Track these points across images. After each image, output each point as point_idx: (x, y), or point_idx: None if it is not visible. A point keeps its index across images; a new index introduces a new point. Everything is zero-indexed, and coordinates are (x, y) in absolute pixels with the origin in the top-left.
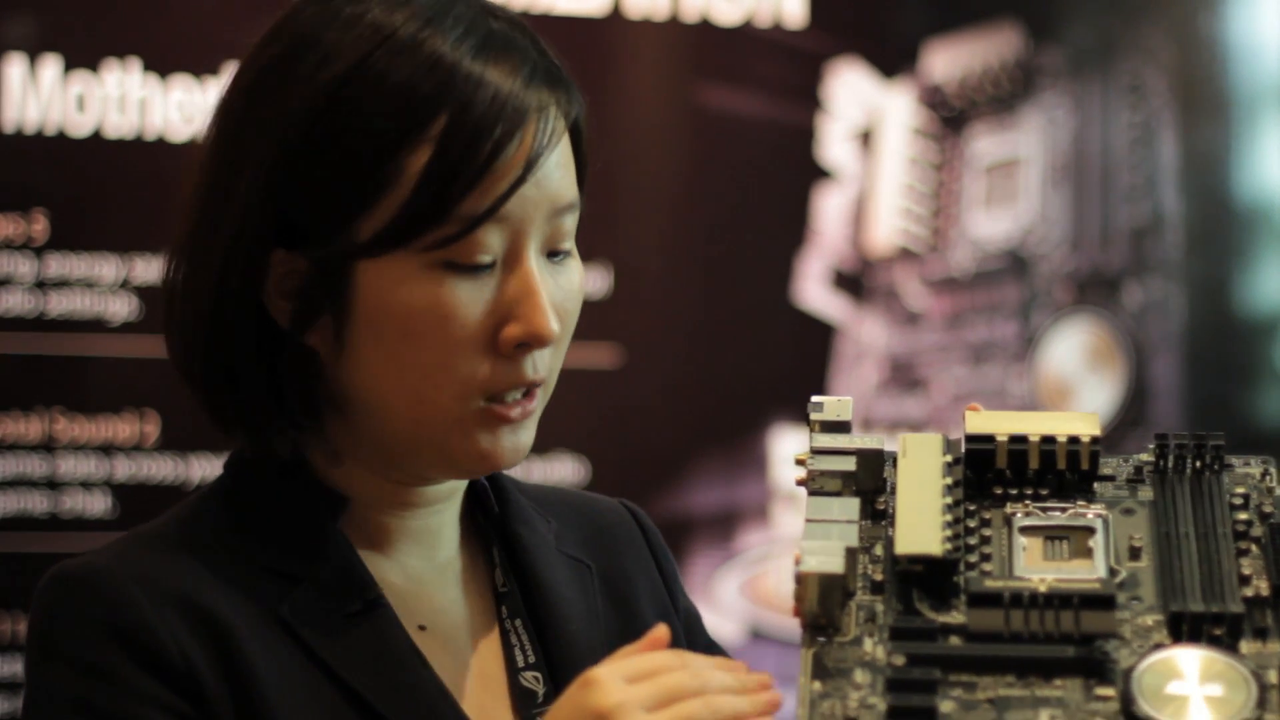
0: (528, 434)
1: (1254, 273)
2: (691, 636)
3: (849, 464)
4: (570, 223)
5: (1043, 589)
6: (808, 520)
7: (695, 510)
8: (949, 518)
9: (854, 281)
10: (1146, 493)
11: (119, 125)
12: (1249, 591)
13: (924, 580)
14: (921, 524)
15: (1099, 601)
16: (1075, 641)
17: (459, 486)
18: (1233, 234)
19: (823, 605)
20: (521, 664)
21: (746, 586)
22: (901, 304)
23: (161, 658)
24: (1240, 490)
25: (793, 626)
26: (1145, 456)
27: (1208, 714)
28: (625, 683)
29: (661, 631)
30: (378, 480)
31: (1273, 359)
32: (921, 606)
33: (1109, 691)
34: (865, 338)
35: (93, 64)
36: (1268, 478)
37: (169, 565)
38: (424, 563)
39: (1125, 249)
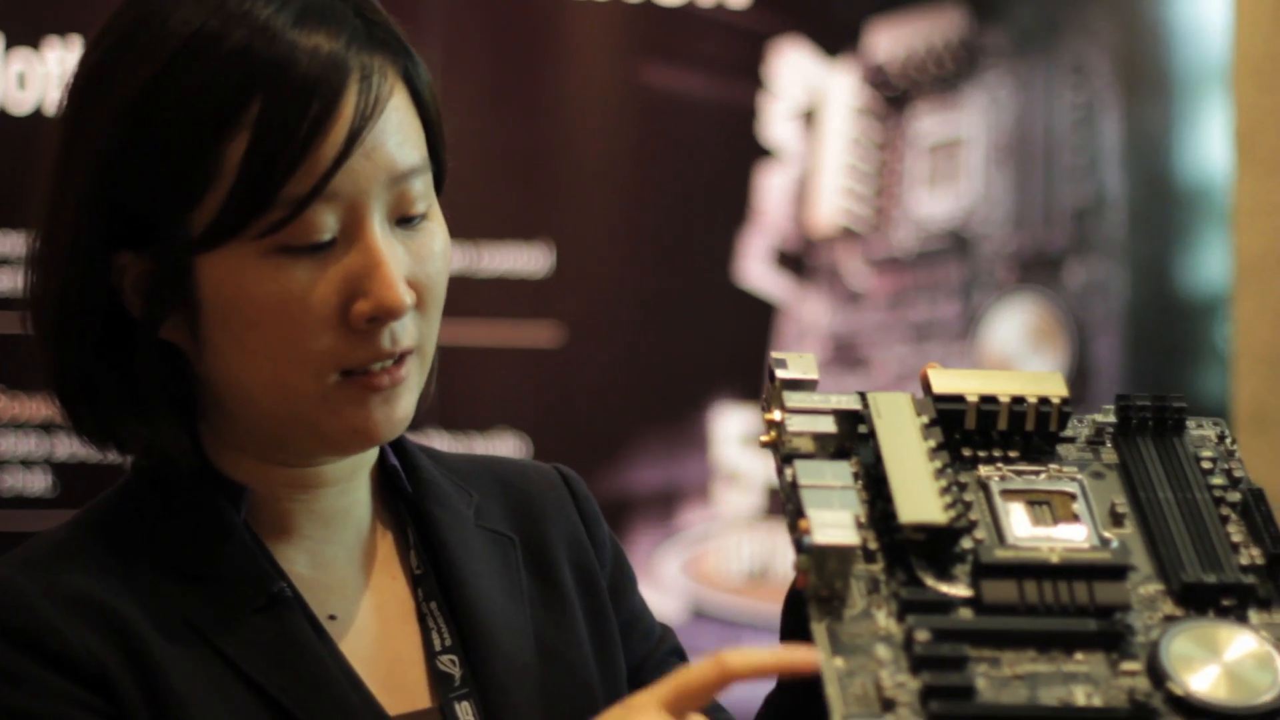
0: (403, 404)
1: (1195, 253)
2: (619, 600)
3: (827, 424)
4: (419, 187)
5: (1055, 559)
6: (804, 486)
7: (636, 489)
8: (942, 483)
9: (796, 261)
10: (1110, 455)
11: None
12: (1244, 560)
13: (923, 548)
14: (920, 490)
15: (1111, 572)
16: (1089, 613)
17: (359, 466)
18: (1174, 214)
19: (830, 577)
20: (438, 647)
21: (689, 565)
22: (844, 283)
23: (71, 659)
24: (1207, 454)
25: (733, 605)
26: (1101, 418)
27: (1239, 688)
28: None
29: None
30: (272, 468)
31: (1213, 338)
32: (924, 576)
33: (1134, 665)
34: (808, 317)
35: (34, 41)
36: (1225, 440)
37: (73, 570)
38: (334, 548)
39: (1068, 229)
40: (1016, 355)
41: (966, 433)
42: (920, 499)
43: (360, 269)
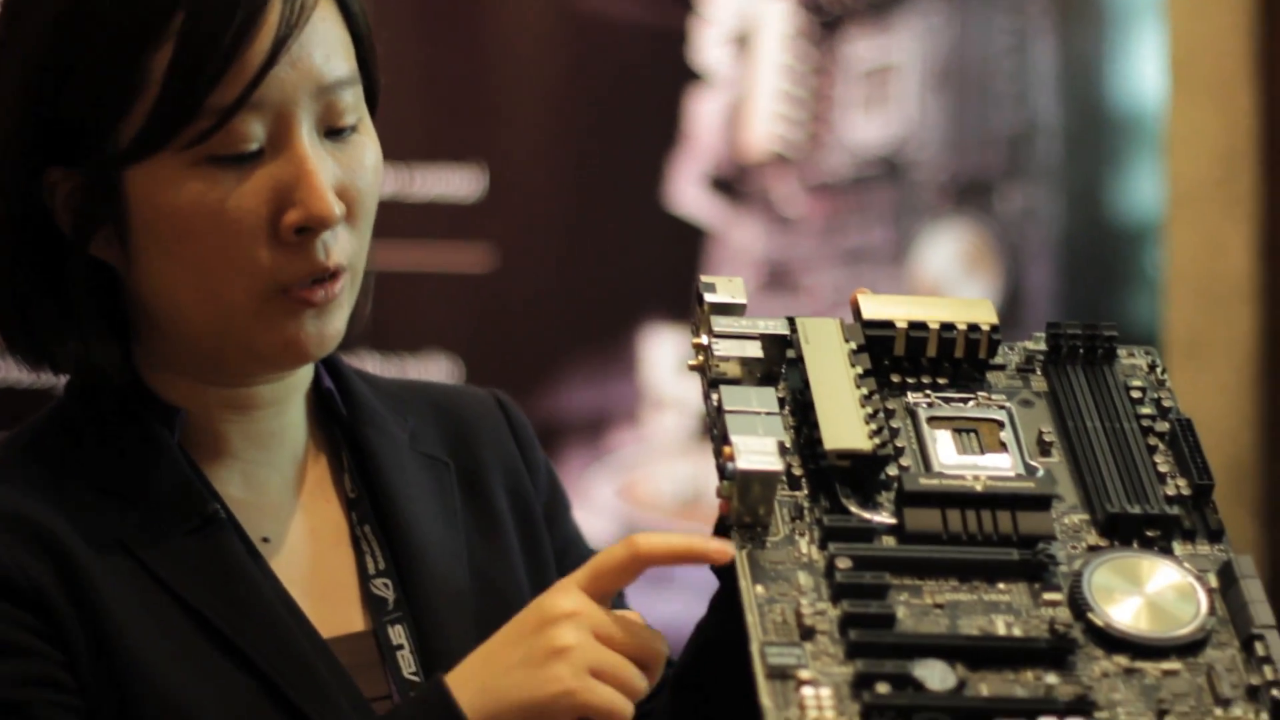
0: (334, 321)
1: (1129, 180)
2: (553, 525)
3: (754, 349)
4: (348, 99)
5: (978, 488)
6: (728, 411)
7: (567, 411)
8: (869, 410)
9: (729, 186)
10: (1040, 383)
11: None
12: (1169, 490)
13: (848, 475)
14: (845, 417)
15: (1035, 502)
16: (1013, 543)
17: (293, 388)
18: (1109, 141)
19: (754, 503)
20: (372, 571)
21: (623, 490)
22: (776, 209)
23: (5, 578)
24: (1136, 383)
25: (666, 528)
26: (1031, 345)
27: (1160, 620)
28: (589, 631)
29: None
30: (206, 386)
31: (1144, 265)
32: (849, 504)
33: (1056, 596)
34: (740, 242)
35: None
36: (1156, 369)
37: (6, 490)
38: (268, 471)
39: (1001, 155)
40: (950, 281)
41: (895, 359)
42: (845, 426)
43: (289, 179)
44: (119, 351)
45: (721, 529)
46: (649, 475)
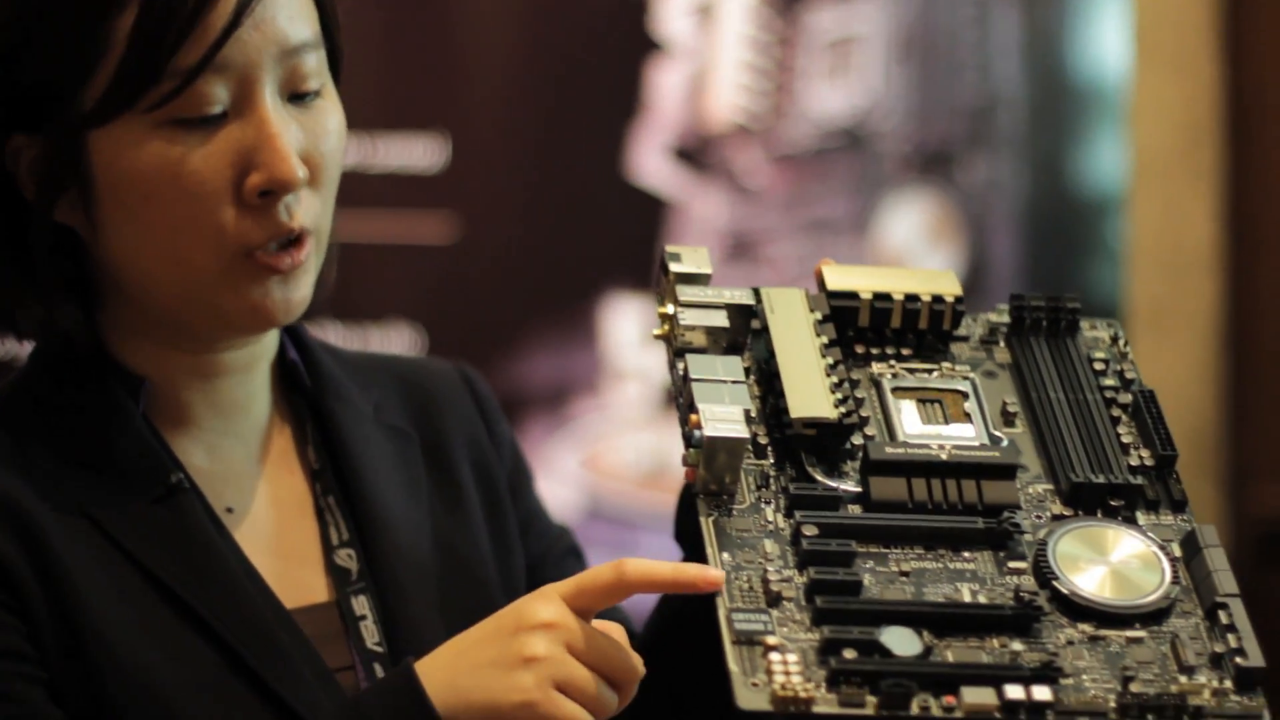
0: (300, 288)
1: (1093, 151)
2: (517, 498)
3: (719, 319)
4: (311, 63)
5: (944, 456)
6: (694, 380)
7: (529, 381)
8: (834, 379)
9: (691, 156)
10: (1003, 354)
11: None
12: (1133, 460)
13: (814, 444)
14: (810, 386)
15: (1000, 471)
16: (978, 512)
17: (258, 356)
18: (1072, 111)
19: (720, 471)
20: (336, 541)
21: (588, 460)
22: (739, 180)
23: None
24: (1099, 355)
25: (630, 498)
26: (995, 317)
27: (1124, 588)
28: (562, 645)
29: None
30: (171, 353)
31: (1107, 236)
32: (814, 472)
33: (1021, 564)
34: (702, 213)
35: None
36: (1119, 341)
37: None
38: (232, 441)
39: (965, 126)
40: (913, 252)
41: (860, 330)
42: (811, 395)
43: (252, 141)
44: (81, 316)
45: (689, 497)
46: (612, 446)
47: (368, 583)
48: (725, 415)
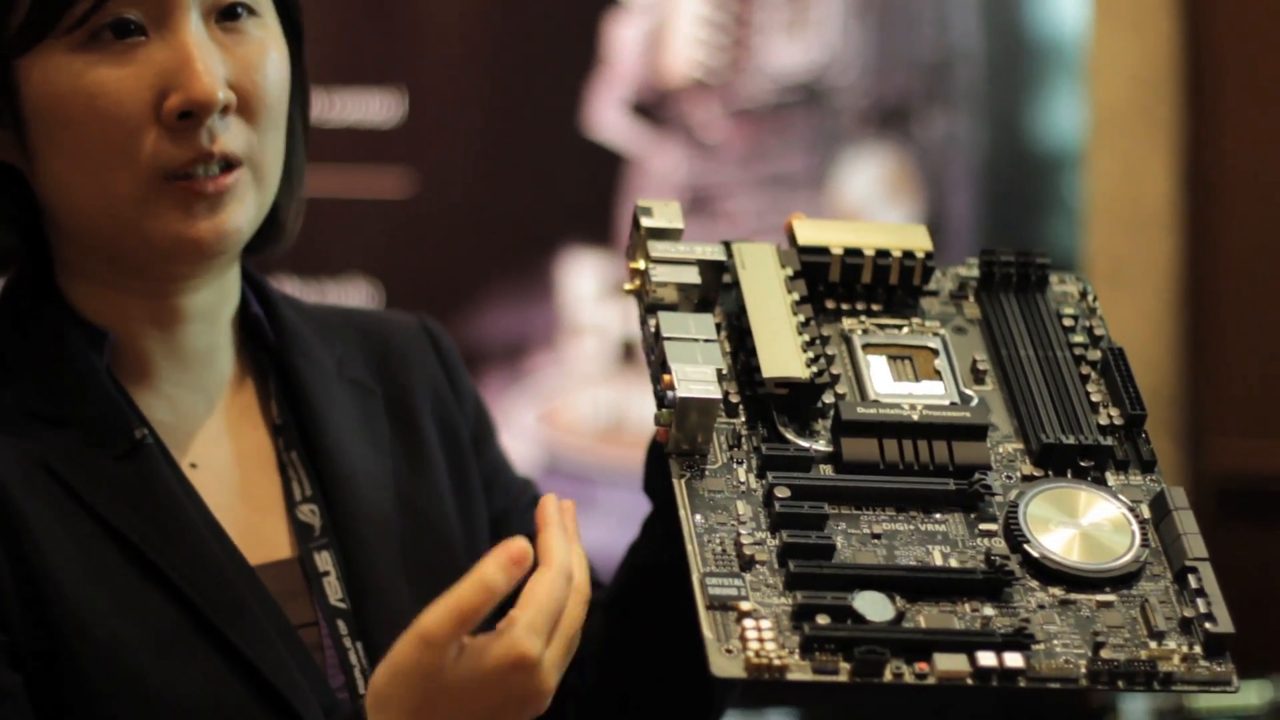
0: (232, 215)
1: (1049, 106)
2: (480, 451)
3: (691, 275)
4: None
5: (915, 417)
6: (667, 338)
7: (486, 336)
8: (805, 337)
9: (649, 111)
10: (973, 310)
11: None
12: (1102, 420)
13: (786, 402)
14: (782, 345)
15: (971, 431)
16: (949, 473)
17: (218, 305)
18: (1029, 67)
19: (692, 431)
20: (298, 497)
21: (546, 416)
22: (697, 134)
23: None
24: (1069, 311)
25: (587, 456)
26: (965, 271)
27: (1095, 551)
28: (543, 643)
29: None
30: (129, 300)
31: (1065, 191)
32: (786, 431)
33: (992, 526)
34: (660, 168)
35: None
36: (1088, 296)
37: None
38: (195, 396)
39: (922, 81)
40: (871, 208)
41: (831, 285)
42: (783, 353)
43: (172, 63)
44: (28, 252)
45: (657, 452)
46: (570, 401)
47: (331, 538)
48: (698, 375)
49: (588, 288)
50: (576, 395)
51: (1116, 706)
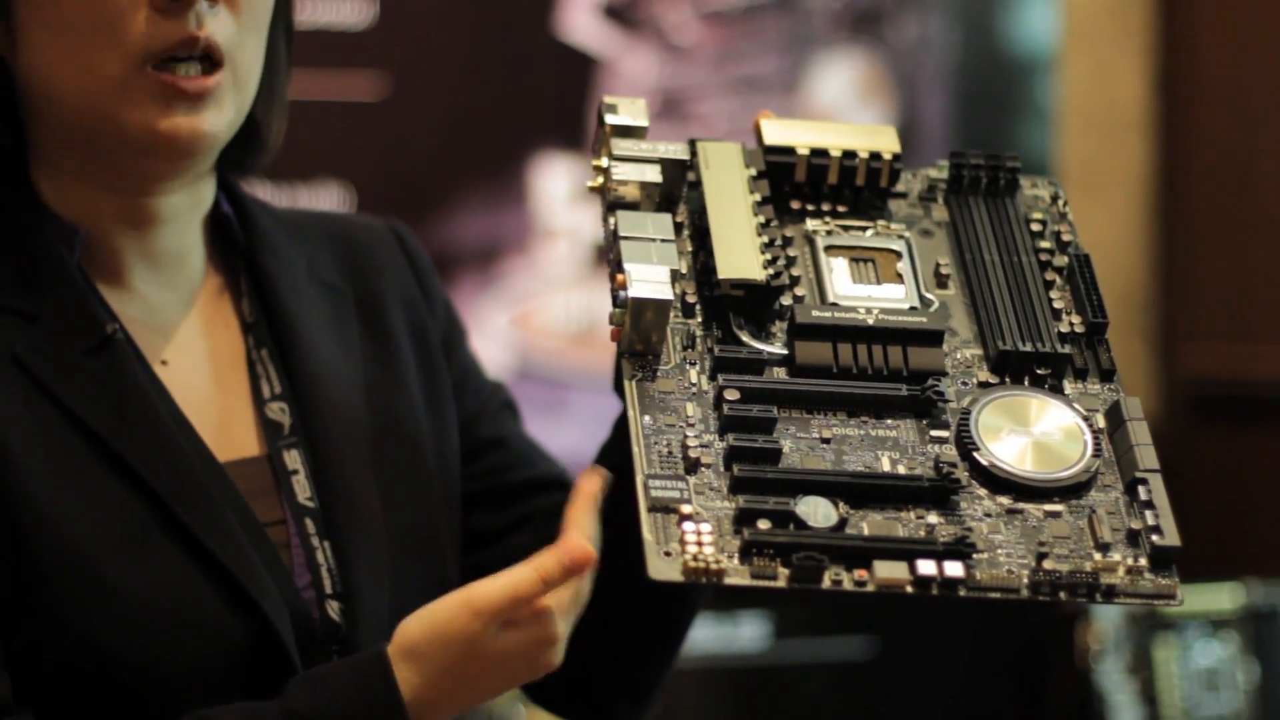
0: (209, 117)
1: (1021, 9)
2: (451, 355)
3: (654, 173)
4: None
5: (870, 321)
6: (623, 237)
7: (458, 239)
8: (764, 238)
9: (620, 14)
10: (941, 212)
11: None
12: (1063, 327)
13: (742, 304)
14: (739, 245)
15: (927, 337)
16: (903, 378)
17: (192, 205)
18: None
19: (646, 331)
20: (268, 395)
21: (518, 320)
22: (669, 37)
23: None
24: (1037, 215)
25: (559, 359)
26: (934, 173)
27: (1045, 460)
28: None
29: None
30: (103, 197)
31: (1037, 95)
32: (741, 334)
33: (943, 433)
34: (632, 70)
35: None
36: (1058, 201)
37: None
38: (166, 294)
39: None
40: (843, 111)
41: (796, 185)
42: (740, 255)
43: None
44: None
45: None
46: (543, 304)
47: (299, 437)
48: (651, 275)
49: (559, 191)
50: (548, 299)
51: (1089, 611)
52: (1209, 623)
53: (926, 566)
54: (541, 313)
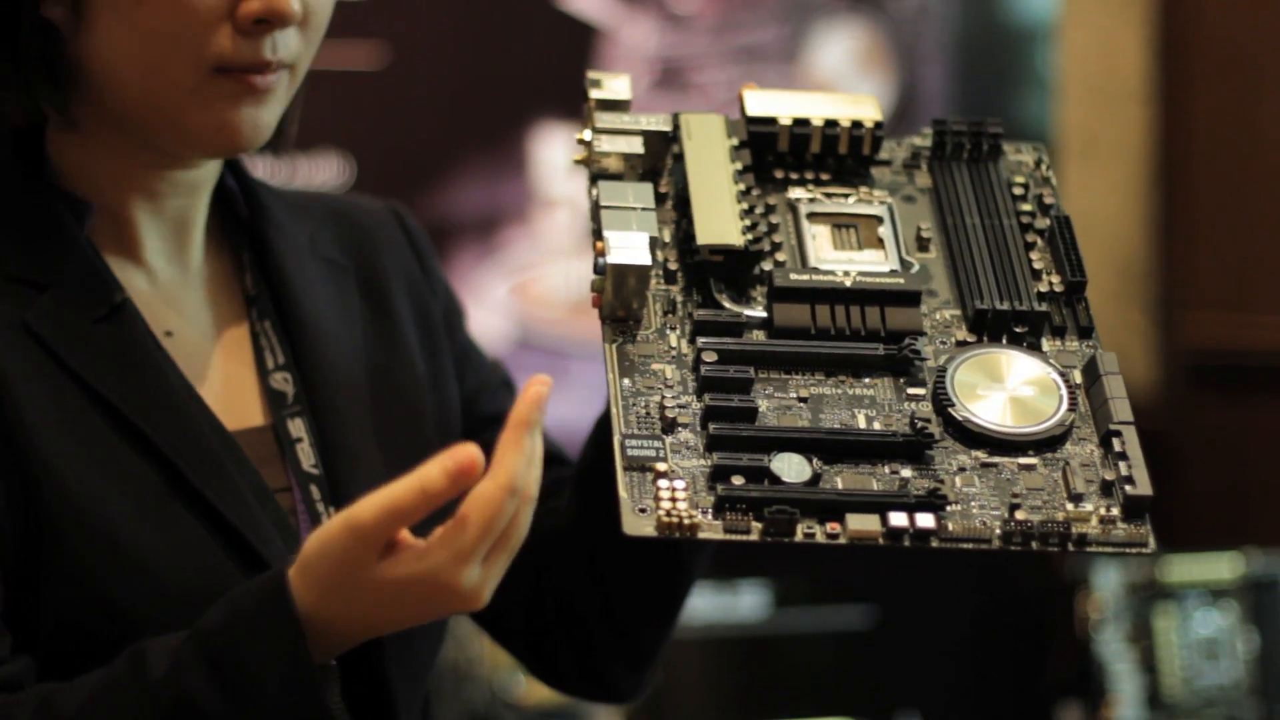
0: (270, 113)
1: None
2: (451, 334)
3: (635, 145)
4: None
5: (848, 283)
6: (604, 206)
7: (458, 209)
8: (744, 205)
9: None
10: (924, 179)
11: None
12: (1042, 286)
13: (722, 270)
14: (719, 212)
15: (904, 298)
16: (881, 339)
17: (205, 180)
18: None
19: (627, 297)
20: (271, 365)
21: (517, 289)
22: (669, 6)
23: None
24: (1019, 180)
25: (558, 329)
26: (919, 141)
27: (1021, 414)
28: (473, 567)
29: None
30: (123, 166)
31: (1038, 65)
32: (721, 298)
33: (919, 391)
34: (632, 40)
35: None
36: (1042, 165)
37: None
38: (172, 267)
39: None
40: (843, 80)
41: (780, 155)
42: (719, 221)
43: None
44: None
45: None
46: (542, 274)
47: (304, 406)
48: (630, 242)
49: (559, 160)
50: (548, 268)
51: (1089, 580)
52: (1209, 592)
53: (898, 518)
54: (541, 282)
